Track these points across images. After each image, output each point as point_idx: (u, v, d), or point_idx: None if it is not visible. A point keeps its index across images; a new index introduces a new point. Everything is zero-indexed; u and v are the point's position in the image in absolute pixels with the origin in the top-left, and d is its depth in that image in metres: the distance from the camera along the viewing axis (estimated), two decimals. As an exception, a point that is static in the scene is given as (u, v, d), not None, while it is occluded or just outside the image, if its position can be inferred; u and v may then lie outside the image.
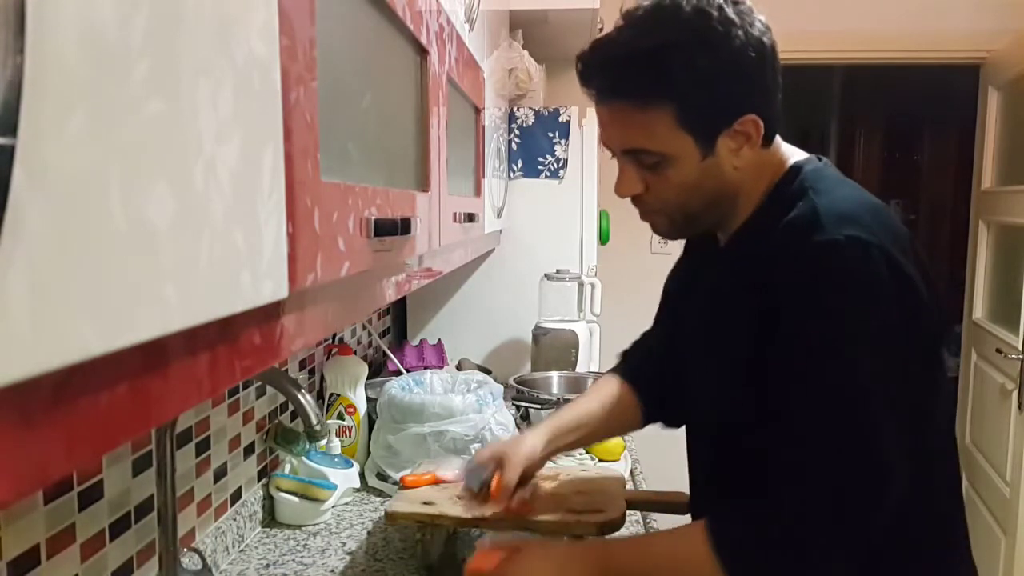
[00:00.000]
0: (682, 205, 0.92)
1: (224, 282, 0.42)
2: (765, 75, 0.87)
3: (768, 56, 0.87)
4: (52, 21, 0.27)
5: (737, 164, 0.90)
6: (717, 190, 0.91)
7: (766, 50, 0.86)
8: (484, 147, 1.61)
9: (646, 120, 0.87)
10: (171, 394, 0.40)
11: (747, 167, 0.90)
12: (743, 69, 0.85)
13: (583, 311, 2.22)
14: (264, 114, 0.46)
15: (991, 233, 2.87)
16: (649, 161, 0.89)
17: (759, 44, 0.85)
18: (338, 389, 1.66)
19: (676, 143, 0.87)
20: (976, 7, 2.82)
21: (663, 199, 0.92)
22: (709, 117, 0.87)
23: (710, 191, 0.91)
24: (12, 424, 0.28)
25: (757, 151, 0.90)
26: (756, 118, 0.87)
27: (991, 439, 2.69)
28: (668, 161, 0.88)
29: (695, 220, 0.95)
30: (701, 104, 0.86)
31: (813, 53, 2.96)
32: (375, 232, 0.68)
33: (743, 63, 0.85)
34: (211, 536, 1.22)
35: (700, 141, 0.87)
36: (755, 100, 0.88)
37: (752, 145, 0.89)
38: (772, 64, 0.88)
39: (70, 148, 0.28)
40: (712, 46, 0.84)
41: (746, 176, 0.91)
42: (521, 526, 1.18)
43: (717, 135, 0.88)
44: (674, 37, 0.84)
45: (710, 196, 0.91)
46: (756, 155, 0.90)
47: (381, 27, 0.79)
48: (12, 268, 0.26)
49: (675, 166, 0.88)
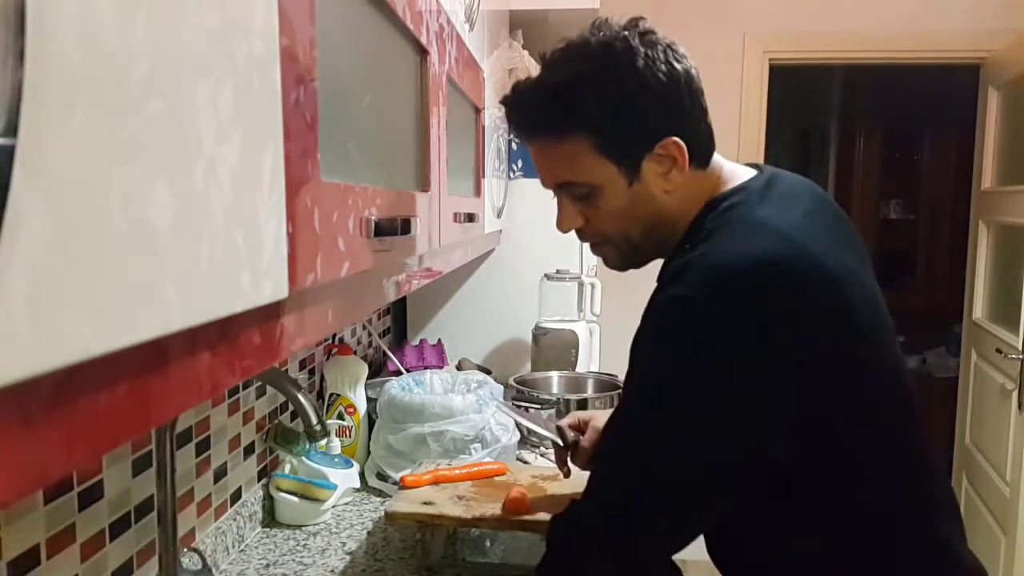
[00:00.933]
0: (622, 233, 0.94)
1: (224, 282, 0.42)
2: (680, 99, 0.89)
3: (681, 81, 0.88)
4: (52, 21, 0.27)
5: (668, 188, 0.91)
6: (652, 216, 0.92)
7: (678, 75, 0.88)
8: (484, 147, 1.61)
9: (567, 152, 0.90)
10: (171, 394, 0.40)
11: (679, 190, 0.91)
12: (653, 94, 0.87)
13: (583, 311, 2.22)
14: (264, 114, 0.46)
15: (991, 233, 2.87)
16: (580, 193, 0.92)
17: (669, 70, 0.87)
18: (338, 389, 1.66)
19: (599, 171, 0.90)
20: (976, 7, 2.82)
21: (602, 231, 0.95)
22: (627, 142, 0.89)
23: (645, 217, 0.92)
24: (12, 424, 0.28)
25: (689, 173, 0.91)
26: (678, 140, 0.89)
27: (991, 439, 2.69)
28: (597, 191, 0.91)
29: (639, 249, 0.96)
30: (615, 130, 0.88)
31: (813, 53, 2.96)
32: (375, 232, 0.68)
33: (652, 88, 0.87)
34: (211, 536, 1.22)
35: (623, 167, 0.89)
36: (672, 123, 0.89)
37: (680, 167, 0.90)
38: (688, 89, 0.89)
39: (70, 148, 0.28)
40: (618, 75, 0.86)
41: (681, 199, 0.92)
42: (521, 526, 1.18)
43: (639, 160, 0.89)
44: (580, 69, 0.87)
45: (647, 222, 0.93)
46: (689, 177, 0.91)
47: (381, 27, 0.79)
48: (12, 268, 0.26)
49: (604, 195, 0.91)
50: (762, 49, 2.93)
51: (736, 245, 0.83)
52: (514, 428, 1.62)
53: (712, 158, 0.94)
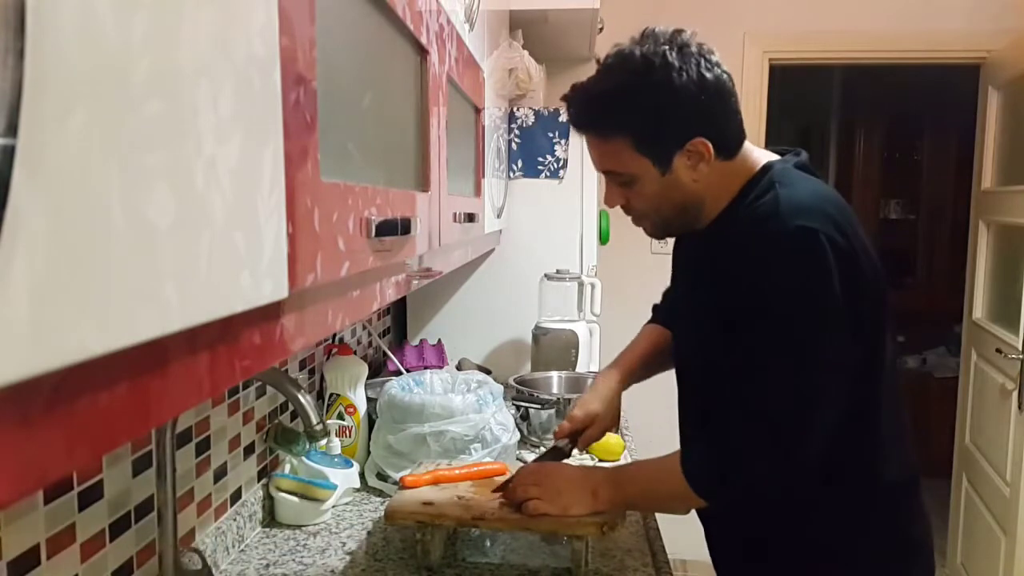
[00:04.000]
0: (656, 211, 1.12)
1: (224, 282, 0.42)
2: (709, 104, 1.04)
3: (711, 88, 1.03)
4: (52, 21, 0.27)
5: (695, 178, 1.07)
6: (682, 199, 1.09)
7: (708, 84, 1.02)
8: (484, 147, 1.61)
9: (610, 148, 1.08)
10: (171, 394, 0.40)
11: (707, 179, 1.07)
12: (684, 103, 1.02)
13: (583, 311, 2.21)
14: (264, 114, 0.46)
15: (991, 233, 2.87)
16: (621, 180, 1.10)
17: (700, 80, 1.02)
18: (338, 389, 1.66)
19: (637, 165, 1.07)
20: (976, 7, 2.82)
21: (640, 209, 1.13)
22: (660, 143, 1.05)
23: (676, 200, 1.09)
24: (12, 424, 0.28)
25: (716, 165, 1.07)
26: (704, 140, 1.04)
27: (991, 439, 2.69)
28: (635, 179, 1.08)
29: (671, 223, 1.14)
30: (651, 134, 1.05)
31: (813, 53, 2.96)
32: (375, 232, 0.68)
33: (683, 99, 1.02)
34: (211, 536, 1.22)
35: (657, 162, 1.06)
36: (700, 126, 1.04)
37: (707, 161, 1.06)
38: (718, 94, 1.04)
39: (70, 148, 0.28)
40: (655, 88, 1.02)
41: (710, 185, 1.08)
42: (521, 526, 1.18)
43: (671, 156, 1.06)
44: (624, 81, 1.04)
45: (677, 204, 1.10)
46: (717, 168, 1.07)
47: (381, 27, 0.79)
48: (12, 268, 0.26)
49: (641, 183, 1.08)
50: (762, 49, 2.93)
51: (810, 185, 1.05)
52: (514, 428, 1.62)
53: (742, 147, 1.10)
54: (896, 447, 1.09)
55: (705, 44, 1.05)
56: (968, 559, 2.91)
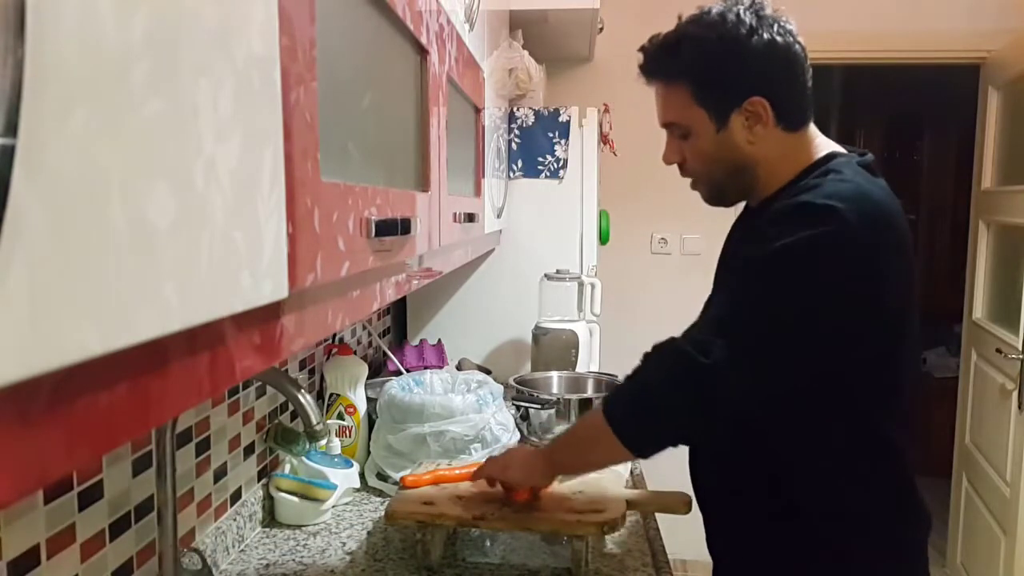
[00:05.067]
0: (708, 173, 1.13)
1: (224, 282, 0.42)
2: (773, 66, 1.05)
3: (779, 52, 1.05)
4: (52, 21, 0.27)
5: (751, 139, 1.08)
6: (735, 161, 1.09)
7: (777, 46, 1.05)
8: (484, 147, 1.61)
9: (672, 96, 1.10)
10: (171, 394, 0.40)
11: (763, 144, 1.08)
12: (747, 59, 1.04)
13: (583, 311, 2.21)
14: (264, 114, 0.46)
15: (991, 233, 2.87)
16: (679, 133, 1.12)
17: (770, 40, 1.04)
18: (338, 389, 1.66)
19: (695, 116, 1.08)
20: (976, 7, 2.82)
21: (694, 168, 1.14)
22: (718, 95, 1.07)
23: (729, 161, 1.10)
24: (12, 424, 0.28)
25: (774, 131, 1.07)
26: (763, 100, 1.05)
27: (991, 439, 2.69)
28: (691, 132, 1.10)
29: (725, 187, 1.14)
30: (710, 83, 1.06)
31: (813, 53, 2.94)
32: (375, 232, 0.68)
33: (747, 55, 1.04)
34: (211, 536, 1.22)
35: (714, 116, 1.07)
36: (761, 86, 1.05)
37: (764, 124, 1.07)
38: (785, 59, 1.06)
39: (70, 148, 0.28)
40: (720, 39, 1.04)
41: (766, 152, 1.08)
42: (521, 526, 1.18)
43: (729, 112, 1.07)
44: (692, 31, 1.07)
45: (730, 166, 1.10)
46: (775, 135, 1.07)
47: (381, 27, 0.79)
48: (12, 268, 0.26)
49: (697, 136, 1.09)
50: (762, 49, 2.93)
51: (867, 181, 1.03)
52: (514, 428, 1.62)
53: (807, 127, 1.11)
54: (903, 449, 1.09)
55: (785, 14, 1.07)
56: (968, 559, 2.91)
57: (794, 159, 1.09)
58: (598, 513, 1.16)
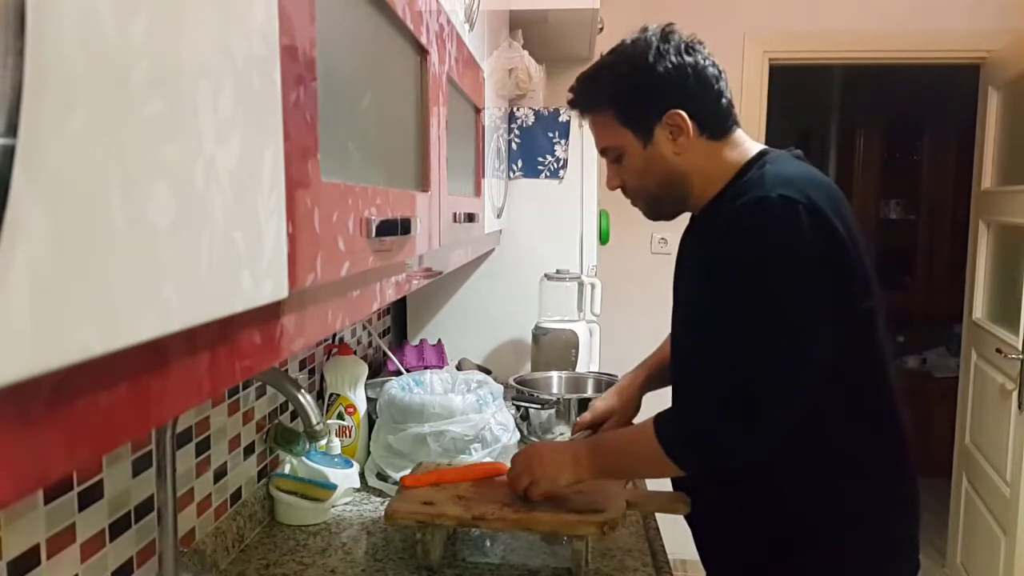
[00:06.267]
0: (643, 188, 1.19)
1: (224, 282, 0.42)
2: (688, 82, 1.11)
3: (688, 68, 1.11)
4: (52, 21, 0.27)
5: (676, 151, 1.14)
6: (666, 173, 1.15)
7: (684, 64, 1.11)
8: (484, 147, 1.61)
9: (600, 122, 1.18)
10: (171, 394, 0.40)
11: (689, 154, 1.14)
12: (659, 78, 1.11)
13: (583, 311, 2.21)
14: (264, 114, 0.46)
15: (991, 233, 2.87)
16: (612, 156, 1.19)
17: (678, 61, 1.11)
18: (338, 389, 1.66)
19: (622, 137, 1.15)
20: (976, 7, 2.82)
21: (631, 186, 1.20)
22: (638, 113, 1.14)
23: (660, 174, 1.16)
24: (12, 424, 0.28)
25: (699, 141, 1.13)
26: (681, 112, 1.12)
27: (991, 439, 2.69)
28: (622, 153, 1.17)
29: (661, 200, 1.20)
30: (630, 104, 1.14)
31: (813, 53, 2.96)
32: (375, 232, 0.68)
33: (658, 74, 1.11)
34: (211, 536, 1.22)
35: (639, 133, 1.14)
36: (676, 100, 1.12)
37: (687, 135, 1.12)
38: (696, 75, 1.12)
39: (70, 148, 0.28)
40: (632, 64, 1.12)
41: (693, 161, 1.14)
42: (521, 526, 1.18)
43: (651, 127, 1.13)
44: (608, 61, 1.16)
45: (662, 178, 1.16)
46: (699, 144, 1.14)
47: (381, 27, 0.79)
48: (12, 268, 0.26)
49: (627, 156, 1.16)
50: (762, 49, 2.93)
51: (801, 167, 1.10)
52: (514, 428, 1.62)
53: (733, 133, 1.16)
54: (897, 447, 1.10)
55: (696, 39, 1.15)
56: (968, 559, 2.91)
57: (725, 164, 1.15)
58: (598, 513, 1.16)
